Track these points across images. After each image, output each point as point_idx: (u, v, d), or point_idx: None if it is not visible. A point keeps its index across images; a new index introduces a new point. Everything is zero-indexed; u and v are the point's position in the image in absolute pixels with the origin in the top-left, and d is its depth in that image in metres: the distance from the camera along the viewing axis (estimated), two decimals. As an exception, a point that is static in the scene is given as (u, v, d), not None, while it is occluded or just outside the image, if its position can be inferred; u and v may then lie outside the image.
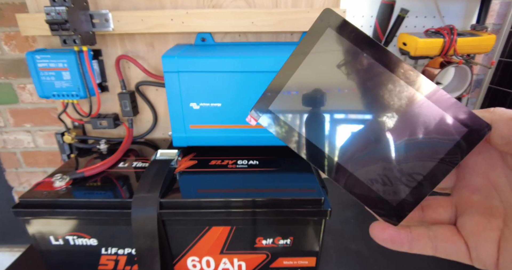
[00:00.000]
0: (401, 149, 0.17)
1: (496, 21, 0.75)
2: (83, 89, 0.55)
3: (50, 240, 0.45)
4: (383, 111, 0.17)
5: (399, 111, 0.17)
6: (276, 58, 0.46)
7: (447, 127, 0.16)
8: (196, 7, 0.56)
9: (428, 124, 0.16)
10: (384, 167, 0.17)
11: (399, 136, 0.17)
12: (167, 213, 0.42)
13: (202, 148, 0.56)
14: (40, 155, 0.92)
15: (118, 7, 0.56)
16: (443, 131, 0.16)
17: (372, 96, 0.17)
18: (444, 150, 0.16)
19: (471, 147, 0.16)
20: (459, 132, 0.16)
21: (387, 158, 0.17)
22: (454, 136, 0.16)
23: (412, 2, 0.68)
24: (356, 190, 0.18)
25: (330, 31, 0.18)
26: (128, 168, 0.51)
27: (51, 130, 0.87)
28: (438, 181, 0.17)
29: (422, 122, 0.16)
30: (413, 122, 0.17)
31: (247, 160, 0.52)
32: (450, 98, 0.16)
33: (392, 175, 0.17)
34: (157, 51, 0.59)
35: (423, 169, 0.17)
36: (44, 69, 0.53)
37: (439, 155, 0.16)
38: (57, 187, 0.45)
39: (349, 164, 0.18)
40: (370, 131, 0.18)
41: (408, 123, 0.17)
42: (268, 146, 0.53)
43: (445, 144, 0.16)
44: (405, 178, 0.17)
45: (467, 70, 0.65)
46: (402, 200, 0.17)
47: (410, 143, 0.17)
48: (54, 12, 0.47)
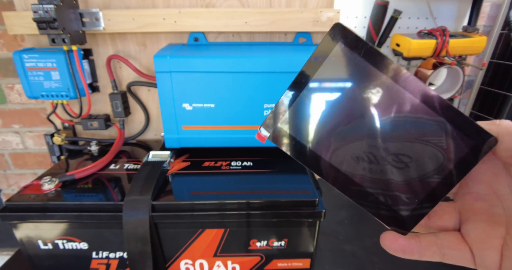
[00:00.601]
0: (410, 162, 0.17)
1: (486, 23, 0.76)
2: (73, 90, 0.54)
3: (39, 245, 0.44)
4: (392, 126, 0.17)
5: (409, 126, 0.17)
6: (270, 59, 0.46)
7: (456, 140, 0.17)
8: (189, 6, 0.55)
9: (437, 137, 0.17)
10: (393, 181, 0.18)
11: (409, 150, 0.17)
12: (159, 216, 0.41)
13: (195, 149, 0.55)
14: (29, 157, 0.90)
15: (109, 6, 0.55)
16: (452, 144, 0.17)
17: (383, 114, 0.17)
18: (452, 162, 0.17)
19: (478, 159, 0.17)
20: (467, 145, 0.17)
21: (396, 172, 0.18)
22: (462, 149, 0.17)
23: (405, 4, 0.69)
24: (365, 201, 0.18)
25: (340, 46, 0.17)
26: (119, 170, 0.50)
27: (41, 131, 0.85)
28: (446, 192, 0.17)
29: (431, 135, 0.17)
30: (423, 134, 0.17)
31: (241, 161, 0.52)
32: (459, 113, 0.17)
33: (401, 187, 0.18)
34: (149, 50, 0.58)
35: (432, 181, 0.17)
36: (32, 69, 0.52)
37: (447, 167, 0.17)
38: (46, 190, 0.44)
39: (358, 178, 0.18)
40: (380, 147, 0.18)
41: (418, 135, 0.17)
42: (262, 147, 0.52)
43: (453, 157, 0.17)
44: (415, 189, 0.17)
45: (459, 71, 0.66)
46: (412, 210, 0.18)
47: (420, 156, 0.17)
48: (42, 10, 0.45)
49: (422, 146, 0.17)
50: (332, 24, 0.17)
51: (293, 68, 0.46)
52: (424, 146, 0.17)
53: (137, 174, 0.44)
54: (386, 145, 0.18)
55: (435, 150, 0.17)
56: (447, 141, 0.17)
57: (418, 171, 0.17)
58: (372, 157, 0.18)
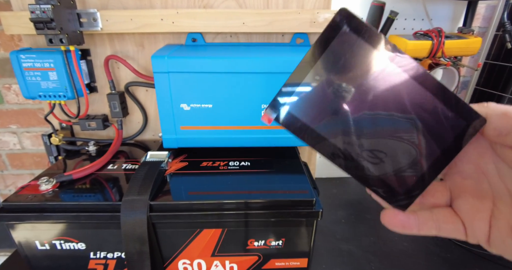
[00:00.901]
0: (406, 142, 0.19)
1: (481, 24, 0.76)
2: (71, 90, 0.54)
3: (36, 245, 0.44)
4: (395, 107, 0.18)
5: (406, 107, 0.18)
6: (268, 59, 0.46)
7: (448, 120, 0.18)
8: (187, 7, 0.55)
9: (431, 117, 0.18)
10: (393, 160, 0.19)
11: (405, 131, 0.19)
12: (157, 216, 0.41)
13: (193, 149, 0.55)
14: (26, 157, 0.89)
15: (107, 6, 0.55)
16: (445, 124, 0.18)
17: (386, 94, 0.18)
18: (445, 142, 0.18)
19: (470, 138, 0.18)
20: (459, 125, 0.18)
21: (396, 152, 0.19)
22: (455, 129, 0.18)
23: (401, 5, 0.69)
24: (368, 181, 0.19)
25: (345, 29, 0.18)
26: (117, 170, 0.50)
27: (38, 131, 0.85)
28: (440, 169, 0.19)
29: (427, 116, 0.18)
30: (419, 116, 0.18)
31: (238, 161, 0.52)
32: (453, 94, 0.18)
33: (400, 167, 0.19)
34: (147, 51, 0.59)
35: (427, 160, 0.19)
36: (29, 69, 0.52)
37: (441, 146, 0.18)
38: (43, 191, 0.44)
39: (362, 158, 0.19)
40: (381, 126, 0.19)
41: (414, 117, 0.18)
42: (259, 147, 0.53)
43: (446, 136, 0.18)
44: (412, 168, 0.19)
45: (455, 72, 0.66)
46: (409, 188, 0.19)
47: (415, 134, 0.18)
48: (39, 10, 0.45)
49: (418, 126, 0.18)
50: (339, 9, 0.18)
51: (290, 69, 0.46)
52: (420, 127, 0.18)
53: (135, 174, 0.45)
54: (387, 126, 0.19)
55: (431, 131, 0.18)
56: (442, 122, 0.18)
57: (415, 152, 0.19)
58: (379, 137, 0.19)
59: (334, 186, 0.80)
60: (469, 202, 0.19)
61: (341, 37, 0.18)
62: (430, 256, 0.56)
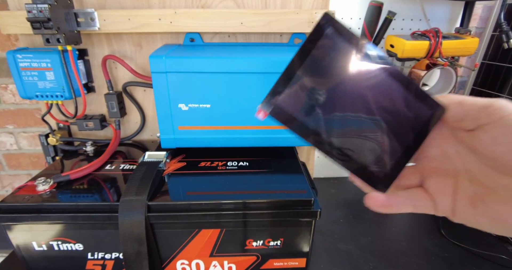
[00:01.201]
0: (382, 130, 0.21)
1: (478, 24, 0.77)
2: (68, 90, 0.53)
3: (33, 246, 0.44)
4: (371, 101, 0.21)
5: (380, 101, 0.21)
6: (266, 59, 0.46)
7: (416, 110, 0.21)
8: (185, 7, 0.55)
9: (402, 109, 0.21)
10: (372, 149, 0.21)
11: (378, 124, 0.21)
12: (155, 217, 0.41)
13: (191, 149, 0.55)
14: (23, 158, 0.89)
15: (104, 6, 0.54)
16: (413, 114, 0.21)
17: (362, 91, 0.21)
18: (414, 130, 0.21)
19: (434, 125, 0.21)
20: (425, 114, 0.21)
21: (373, 143, 0.21)
22: (421, 118, 0.21)
23: (399, 5, 0.69)
24: (353, 167, 0.22)
25: (328, 32, 0.20)
26: (115, 170, 0.50)
27: (35, 131, 0.85)
28: (412, 154, 0.22)
29: (398, 109, 0.21)
30: (391, 109, 0.21)
31: (237, 161, 0.52)
32: (419, 88, 0.21)
33: (378, 155, 0.22)
34: (145, 51, 0.58)
35: (400, 146, 0.21)
36: (26, 69, 0.51)
37: (410, 134, 0.21)
38: (40, 191, 0.44)
39: (348, 148, 0.21)
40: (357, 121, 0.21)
41: (384, 105, 0.21)
42: (258, 147, 0.53)
43: (415, 125, 0.21)
44: (388, 154, 0.22)
45: (452, 72, 0.67)
46: (388, 171, 0.22)
47: (387, 125, 0.21)
48: (36, 10, 0.45)
49: (390, 117, 0.21)
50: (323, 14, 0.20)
51: (288, 69, 0.46)
52: (391, 117, 0.21)
53: (133, 175, 0.44)
54: (364, 114, 0.21)
55: (401, 120, 0.21)
56: (411, 112, 0.21)
57: (390, 140, 0.21)
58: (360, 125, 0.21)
59: (333, 186, 0.80)
60: (436, 181, 0.22)
61: (324, 39, 0.20)
62: (429, 256, 0.56)
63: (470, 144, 0.20)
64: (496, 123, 0.18)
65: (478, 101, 0.19)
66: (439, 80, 0.73)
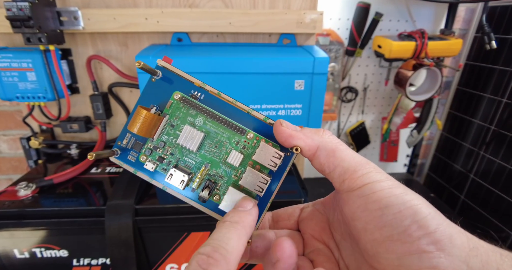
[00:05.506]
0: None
1: (462, 26, 0.79)
2: (51, 91, 0.52)
3: (15, 254, 0.42)
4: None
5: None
6: (254, 60, 0.46)
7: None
8: (172, 6, 0.54)
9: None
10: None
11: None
12: (143, 220, 0.40)
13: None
14: (4, 162, 0.86)
15: (88, 5, 0.53)
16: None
17: None
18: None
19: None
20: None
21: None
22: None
23: (386, 6, 0.70)
24: None
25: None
26: (101, 173, 0.49)
27: (16, 134, 0.82)
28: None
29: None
30: None
31: (226, 162, 0.52)
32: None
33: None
34: (131, 51, 0.57)
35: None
36: (5, 69, 0.49)
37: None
38: (22, 196, 0.42)
39: None
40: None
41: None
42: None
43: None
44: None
45: (438, 72, 0.68)
46: None
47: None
48: (16, 8, 0.44)
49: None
50: None
51: (277, 69, 0.46)
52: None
53: (120, 178, 0.43)
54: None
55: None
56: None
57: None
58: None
59: (322, 186, 0.81)
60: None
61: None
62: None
63: None
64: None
65: None
66: (425, 80, 0.74)
